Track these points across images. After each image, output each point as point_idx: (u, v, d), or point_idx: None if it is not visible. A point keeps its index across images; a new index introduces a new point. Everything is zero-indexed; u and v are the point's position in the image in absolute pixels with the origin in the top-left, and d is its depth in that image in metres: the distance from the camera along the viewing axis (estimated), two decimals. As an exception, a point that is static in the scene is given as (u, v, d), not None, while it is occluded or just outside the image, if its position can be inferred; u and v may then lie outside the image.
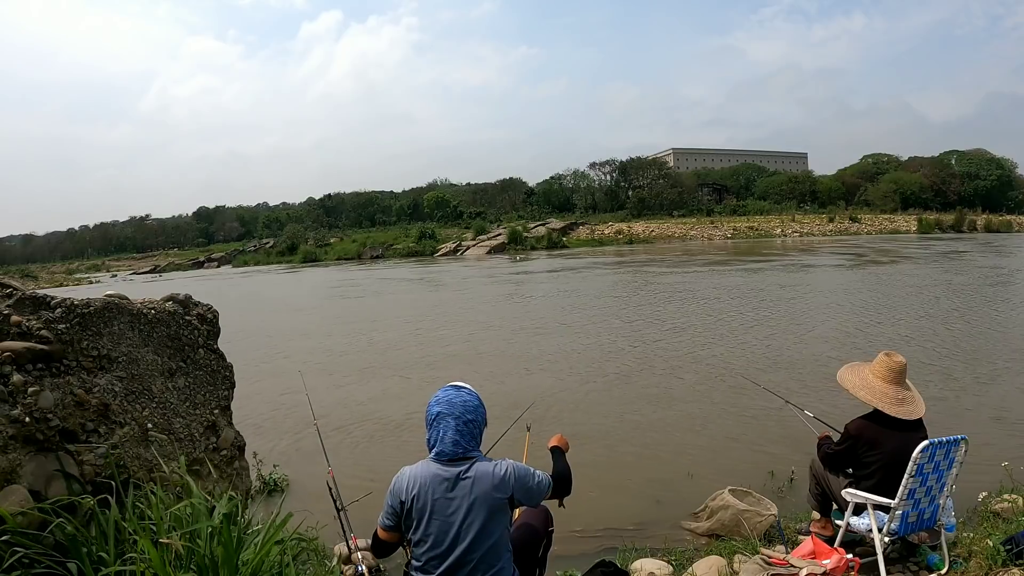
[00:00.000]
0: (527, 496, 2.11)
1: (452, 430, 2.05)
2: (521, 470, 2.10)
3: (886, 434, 2.99)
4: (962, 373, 7.14)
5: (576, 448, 5.27)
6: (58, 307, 2.57)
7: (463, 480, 2.02)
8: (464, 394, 2.13)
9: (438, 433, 2.07)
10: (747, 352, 8.75)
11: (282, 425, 6.39)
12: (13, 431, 2.23)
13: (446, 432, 2.05)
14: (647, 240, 49.91)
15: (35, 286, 9.50)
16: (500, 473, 2.05)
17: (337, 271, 38.34)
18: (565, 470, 2.37)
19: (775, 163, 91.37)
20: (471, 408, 2.10)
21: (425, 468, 2.07)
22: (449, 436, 2.04)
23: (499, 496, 2.02)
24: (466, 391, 2.15)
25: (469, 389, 2.17)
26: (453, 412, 2.07)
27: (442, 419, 2.07)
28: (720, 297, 14.95)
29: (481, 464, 2.06)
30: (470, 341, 10.79)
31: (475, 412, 2.10)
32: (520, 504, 2.12)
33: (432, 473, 2.04)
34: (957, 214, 51.84)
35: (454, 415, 2.07)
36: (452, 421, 2.06)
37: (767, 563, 2.96)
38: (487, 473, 2.03)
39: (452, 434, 2.04)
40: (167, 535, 2.09)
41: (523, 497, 2.10)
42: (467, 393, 2.14)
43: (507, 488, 2.04)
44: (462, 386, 2.17)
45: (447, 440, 2.04)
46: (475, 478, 2.02)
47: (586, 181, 78.61)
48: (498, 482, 2.03)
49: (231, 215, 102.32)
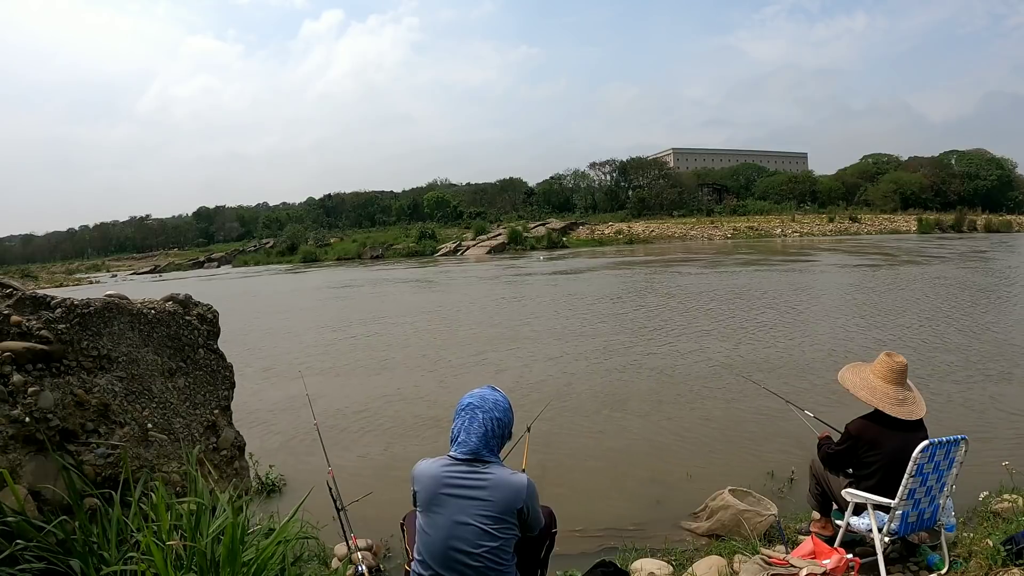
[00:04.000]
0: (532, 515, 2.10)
1: (478, 422, 2.07)
2: (535, 490, 2.10)
3: (887, 434, 3.00)
4: (962, 373, 7.14)
5: (576, 448, 5.31)
6: (58, 307, 2.57)
7: (478, 481, 2.01)
8: (498, 395, 2.18)
9: (463, 423, 2.09)
10: (747, 352, 8.74)
11: (282, 425, 6.39)
12: (13, 431, 2.23)
13: (472, 423, 2.07)
14: (647, 240, 49.90)
15: (35, 286, 9.48)
16: (518, 484, 2.04)
17: (337, 271, 38.33)
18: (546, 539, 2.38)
19: (775, 163, 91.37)
20: (501, 408, 2.13)
21: (439, 463, 2.08)
22: (474, 428, 2.06)
23: (513, 504, 2.01)
24: (500, 393, 2.20)
25: (501, 392, 2.21)
26: (483, 406, 2.10)
27: (471, 410, 2.10)
28: (720, 297, 14.96)
29: (499, 470, 2.06)
30: (471, 341, 10.79)
31: (504, 413, 2.13)
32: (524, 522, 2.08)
33: (445, 469, 2.05)
34: (957, 214, 51.84)
35: (484, 408, 2.10)
36: (480, 415, 2.08)
37: (767, 563, 2.96)
38: (505, 480, 2.03)
39: (477, 427, 2.07)
40: (168, 535, 2.09)
41: (530, 516, 2.08)
42: (500, 394, 2.19)
43: (521, 500, 2.03)
44: (497, 388, 2.22)
45: (471, 431, 2.06)
46: (491, 483, 2.01)
47: (586, 181, 78.71)
48: (515, 491, 2.02)
49: (231, 215, 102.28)
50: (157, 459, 2.71)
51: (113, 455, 2.50)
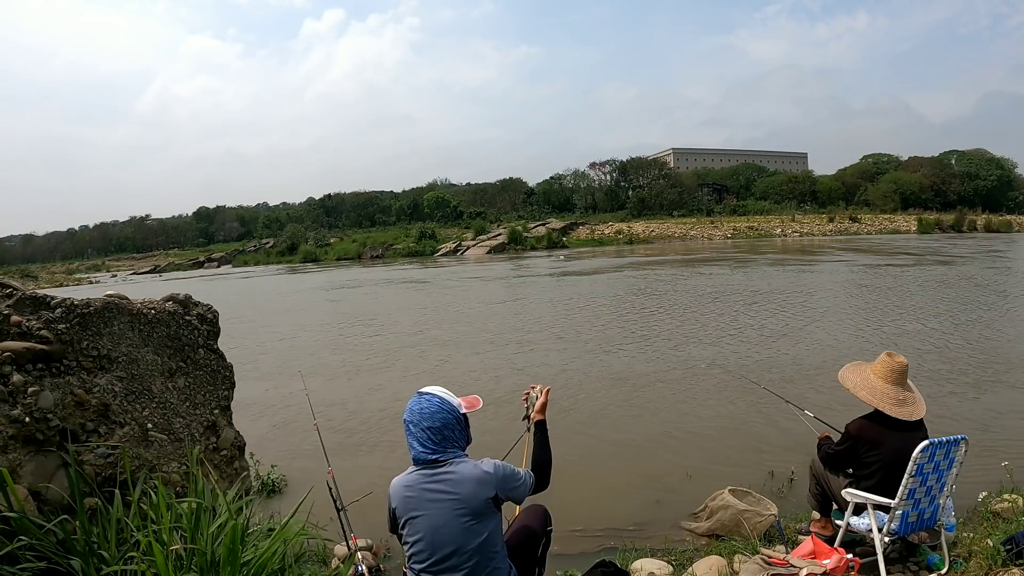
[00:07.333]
0: (512, 494, 2.14)
1: (416, 437, 2.11)
2: (503, 468, 2.13)
3: (887, 434, 2.99)
4: (964, 373, 7.14)
5: (576, 448, 5.31)
6: (58, 307, 2.57)
7: (441, 481, 2.05)
8: (423, 401, 2.16)
9: (408, 440, 2.15)
10: (747, 352, 8.74)
11: (282, 425, 6.38)
12: (13, 431, 2.23)
13: (412, 439, 2.13)
14: (647, 240, 49.89)
15: (35, 286, 9.48)
16: (480, 472, 2.08)
17: (337, 271, 38.33)
18: (545, 458, 2.38)
19: (775, 163, 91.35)
20: (428, 415, 2.12)
21: (407, 475, 2.14)
22: (415, 442, 2.11)
23: (482, 496, 2.04)
24: (427, 397, 2.17)
25: (431, 395, 2.17)
26: (413, 419, 2.13)
27: (406, 426, 2.15)
28: (722, 297, 14.95)
29: (461, 464, 2.09)
30: (472, 342, 10.79)
31: (432, 418, 2.11)
32: (506, 500, 2.14)
33: (412, 478, 2.11)
34: (957, 214, 51.82)
35: (413, 422, 2.13)
36: (414, 428, 2.12)
37: (767, 563, 2.96)
38: (467, 472, 2.07)
39: (417, 440, 2.11)
40: (169, 535, 2.09)
41: (508, 495, 2.13)
42: (427, 400, 2.16)
43: (490, 487, 2.06)
44: (424, 392, 2.20)
45: (415, 446, 2.12)
46: (454, 479, 2.05)
47: (586, 181, 78.63)
48: (479, 482, 2.05)
49: (231, 215, 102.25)
50: (157, 459, 2.71)
51: (113, 455, 2.50)
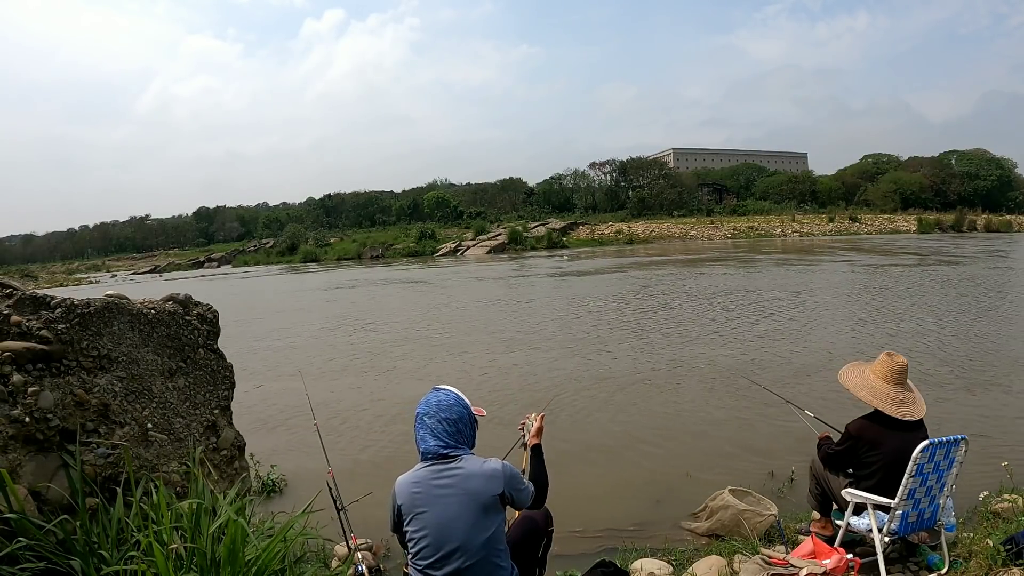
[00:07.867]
0: (516, 495, 2.14)
1: (430, 429, 2.11)
2: (511, 469, 2.14)
3: (887, 434, 2.99)
4: (964, 373, 7.14)
5: (576, 448, 5.31)
6: (58, 307, 2.57)
7: (451, 476, 2.05)
8: (440, 394, 2.18)
9: (418, 432, 2.14)
10: (748, 352, 8.74)
11: (282, 425, 6.39)
12: (13, 431, 2.23)
13: (425, 431, 2.12)
14: (647, 240, 49.88)
15: (35, 286, 9.47)
16: (490, 469, 2.08)
17: (338, 271, 38.33)
18: (542, 480, 2.38)
19: (775, 163, 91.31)
20: (445, 407, 2.13)
21: (412, 472, 2.13)
22: (429, 435, 2.11)
23: (490, 491, 2.05)
24: (444, 391, 2.20)
25: (448, 390, 2.21)
26: (429, 411, 2.13)
27: (419, 419, 2.15)
28: (722, 297, 14.95)
29: (470, 460, 2.09)
30: (473, 343, 10.79)
31: (450, 410, 2.13)
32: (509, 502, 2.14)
33: (420, 474, 2.09)
34: (957, 214, 51.81)
35: (429, 414, 2.13)
36: (429, 420, 2.12)
37: (767, 563, 2.96)
38: (477, 468, 2.07)
39: (431, 432, 2.10)
40: (170, 535, 2.09)
41: (513, 495, 2.13)
42: (444, 393, 2.19)
43: (498, 484, 2.06)
44: (441, 387, 2.22)
45: (428, 439, 2.11)
46: (464, 474, 2.05)
47: (586, 181, 78.60)
48: (488, 477, 2.06)
49: (231, 215, 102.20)
50: (157, 459, 2.71)
51: (113, 455, 2.50)
